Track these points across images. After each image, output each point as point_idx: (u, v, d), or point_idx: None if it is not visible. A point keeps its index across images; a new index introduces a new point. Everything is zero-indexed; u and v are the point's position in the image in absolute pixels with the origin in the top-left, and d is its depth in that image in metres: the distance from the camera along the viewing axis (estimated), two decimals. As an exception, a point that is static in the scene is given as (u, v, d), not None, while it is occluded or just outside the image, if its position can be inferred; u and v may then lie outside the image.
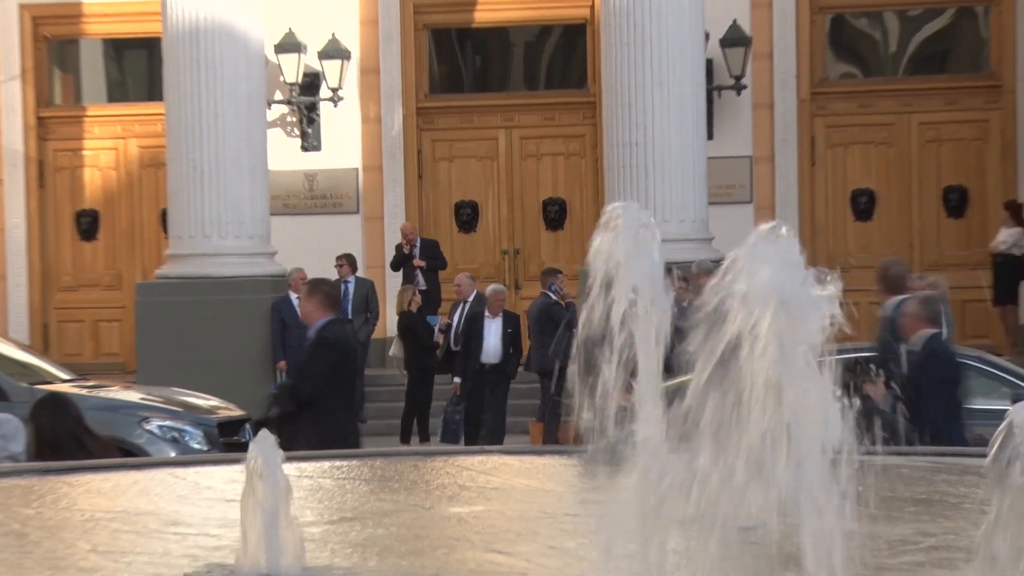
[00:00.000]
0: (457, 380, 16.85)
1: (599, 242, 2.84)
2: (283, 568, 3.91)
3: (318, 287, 10.83)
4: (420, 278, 19.14)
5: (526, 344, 17.37)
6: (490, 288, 17.56)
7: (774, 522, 2.05)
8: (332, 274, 19.21)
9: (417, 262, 19.35)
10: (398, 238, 20.89)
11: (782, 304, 2.14)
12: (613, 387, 2.74)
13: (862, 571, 2.21)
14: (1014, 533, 3.64)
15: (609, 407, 2.76)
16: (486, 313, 16.89)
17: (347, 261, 19.31)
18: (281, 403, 10.46)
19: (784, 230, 2.14)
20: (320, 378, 10.14)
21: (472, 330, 16.87)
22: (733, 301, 2.16)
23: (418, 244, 19.59)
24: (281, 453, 4.03)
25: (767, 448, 2.10)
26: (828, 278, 2.28)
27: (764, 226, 2.24)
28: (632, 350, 2.73)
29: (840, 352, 2.32)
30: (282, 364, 18.26)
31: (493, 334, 16.68)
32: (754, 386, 2.17)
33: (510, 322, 16.96)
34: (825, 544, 2.03)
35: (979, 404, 12.91)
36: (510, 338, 16.83)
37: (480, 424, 16.56)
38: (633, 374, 2.74)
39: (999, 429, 3.61)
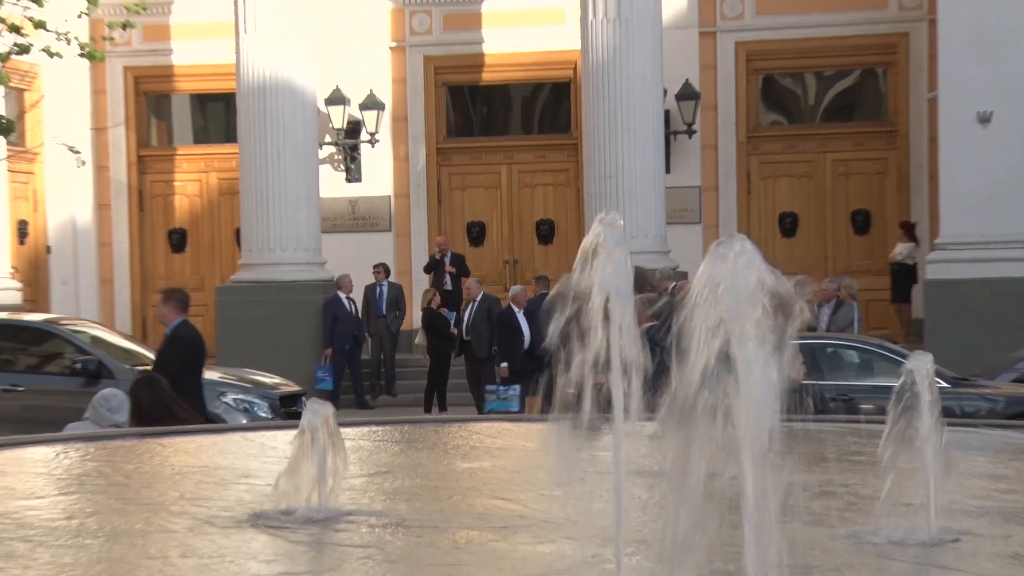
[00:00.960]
0: (504, 365, 16.18)
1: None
2: (331, 509, 3.91)
3: (173, 295, 10.77)
4: (448, 281, 19.19)
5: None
6: (518, 288, 17.22)
7: (725, 473, 2.04)
8: (371, 279, 19.28)
9: (448, 268, 19.40)
10: (423, 251, 20.94)
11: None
12: (590, 368, 2.72)
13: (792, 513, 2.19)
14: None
15: (587, 384, 2.75)
16: (514, 308, 16.57)
17: (383, 268, 19.37)
18: None
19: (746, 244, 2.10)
20: (174, 367, 10.09)
21: (511, 323, 16.38)
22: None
23: (448, 254, 19.63)
24: (333, 418, 4.02)
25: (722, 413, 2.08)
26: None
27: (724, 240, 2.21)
28: (607, 339, 2.72)
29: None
30: (328, 351, 18.29)
31: (524, 325, 16.37)
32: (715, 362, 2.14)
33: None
34: (762, 491, 2.01)
35: (879, 382, 12.91)
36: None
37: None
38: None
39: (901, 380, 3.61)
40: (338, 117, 21.09)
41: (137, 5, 10.61)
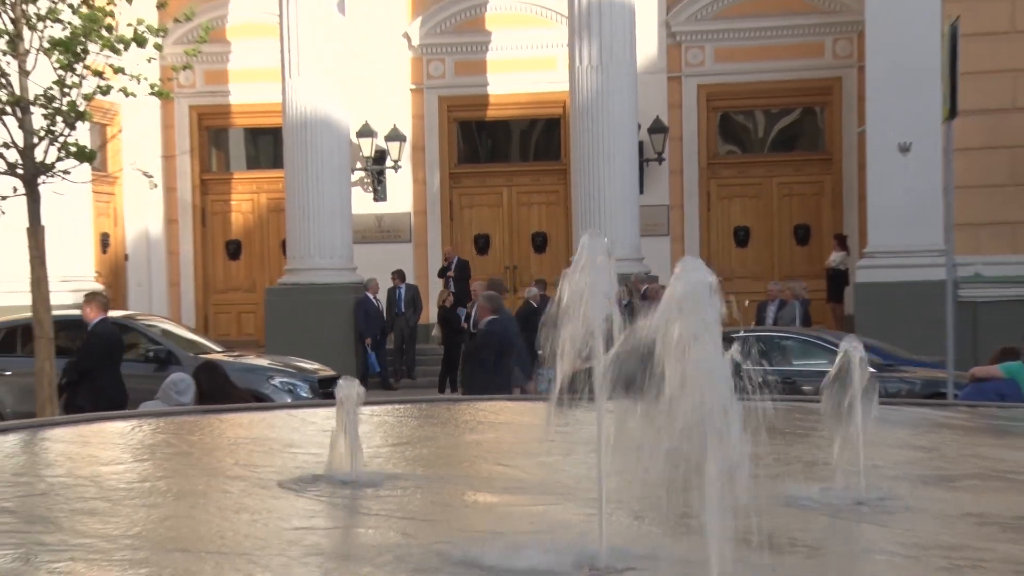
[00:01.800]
0: (540, 352, 15.81)
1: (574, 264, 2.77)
2: (360, 472, 3.90)
3: (95, 297, 10.60)
4: (451, 284, 19.17)
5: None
6: (534, 289, 17.07)
7: (688, 446, 2.02)
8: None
9: (450, 273, 19.38)
10: (438, 259, 20.93)
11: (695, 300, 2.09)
12: (577, 356, 2.71)
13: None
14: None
15: (572, 370, 2.73)
16: (532, 304, 16.21)
17: (398, 275, 19.36)
18: (68, 374, 10.30)
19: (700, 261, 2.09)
20: (91, 358, 10.06)
21: (529, 317, 16.29)
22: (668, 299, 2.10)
23: (455, 262, 19.59)
24: (362, 397, 4.00)
25: (684, 396, 2.07)
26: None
27: (689, 257, 2.19)
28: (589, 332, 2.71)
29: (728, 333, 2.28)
30: (369, 340, 18.31)
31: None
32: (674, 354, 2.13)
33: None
34: (722, 460, 2.01)
35: (816, 367, 12.89)
36: None
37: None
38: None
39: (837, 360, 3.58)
40: (367, 147, 21.12)
41: (193, 50, 10.56)
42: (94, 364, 10.14)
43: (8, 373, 13.19)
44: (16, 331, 13.67)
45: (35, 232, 9.89)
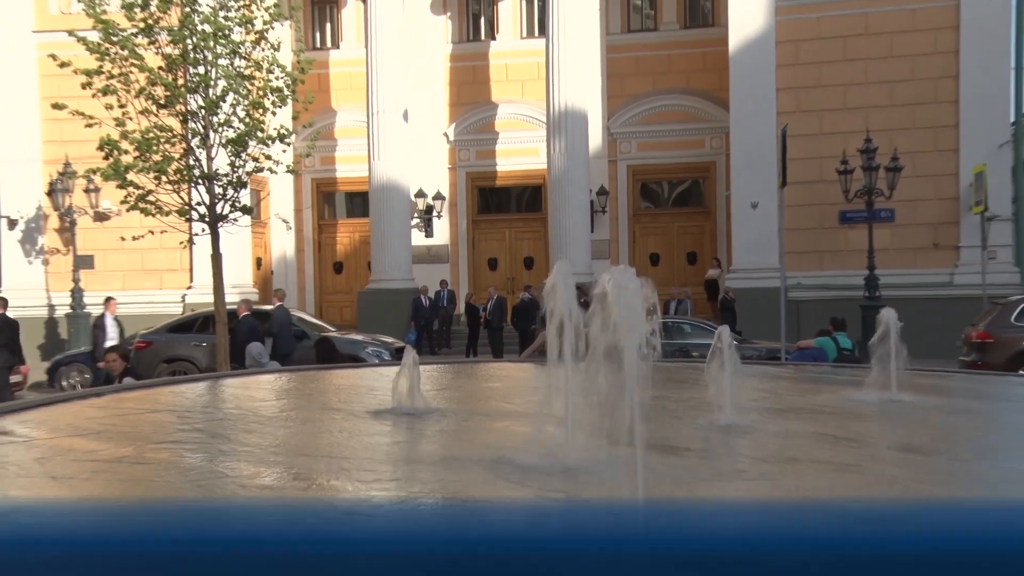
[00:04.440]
0: (544, 331, 15.46)
1: (551, 277, 2.77)
2: (417, 406, 3.89)
3: None
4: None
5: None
6: (526, 294, 16.98)
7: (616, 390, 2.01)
8: (439, 288, 19.22)
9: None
10: (466, 273, 20.88)
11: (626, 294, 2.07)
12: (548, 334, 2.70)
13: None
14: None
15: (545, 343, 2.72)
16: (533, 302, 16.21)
17: (443, 283, 19.30)
18: None
19: (628, 267, 2.07)
20: None
21: (528, 310, 16.16)
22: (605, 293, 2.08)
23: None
24: (417, 358, 3.99)
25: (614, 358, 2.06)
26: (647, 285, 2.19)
27: (619, 266, 2.17)
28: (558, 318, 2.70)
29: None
30: (412, 324, 18.24)
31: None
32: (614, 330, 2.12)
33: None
34: (634, 403, 2.00)
35: (701, 341, 12.87)
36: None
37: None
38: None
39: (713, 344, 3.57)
40: (421, 204, 21.08)
41: (310, 145, 10.66)
42: None
43: (203, 344, 13.21)
44: (206, 319, 13.69)
45: (216, 257, 9.93)
